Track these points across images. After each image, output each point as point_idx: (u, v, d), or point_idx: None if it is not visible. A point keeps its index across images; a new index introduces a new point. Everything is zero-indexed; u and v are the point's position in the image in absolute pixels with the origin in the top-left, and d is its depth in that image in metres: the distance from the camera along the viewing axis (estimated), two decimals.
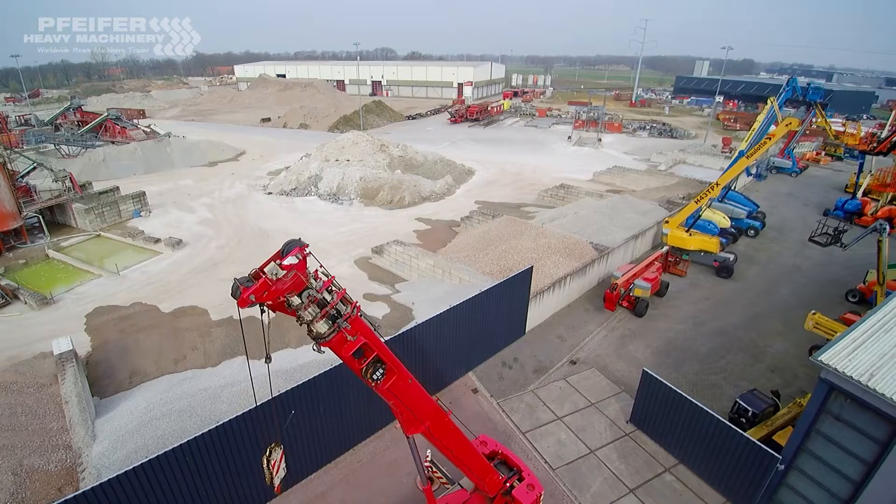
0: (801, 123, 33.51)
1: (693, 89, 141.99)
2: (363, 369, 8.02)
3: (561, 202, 43.66)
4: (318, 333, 7.39)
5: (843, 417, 12.85)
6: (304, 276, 7.03)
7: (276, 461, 8.54)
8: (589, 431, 18.63)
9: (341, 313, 7.48)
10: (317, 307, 7.28)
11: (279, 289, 6.74)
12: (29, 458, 14.97)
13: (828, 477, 13.38)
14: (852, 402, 12.49)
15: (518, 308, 23.19)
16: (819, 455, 13.52)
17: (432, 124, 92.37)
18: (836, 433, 13.09)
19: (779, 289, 30.61)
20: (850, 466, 12.84)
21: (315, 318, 7.26)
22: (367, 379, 8.09)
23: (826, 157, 67.80)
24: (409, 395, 8.90)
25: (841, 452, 13.03)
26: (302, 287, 7.04)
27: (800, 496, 14.14)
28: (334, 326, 7.37)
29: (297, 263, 6.93)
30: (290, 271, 6.82)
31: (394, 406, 8.94)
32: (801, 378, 22.16)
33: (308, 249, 7.19)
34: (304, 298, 7.11)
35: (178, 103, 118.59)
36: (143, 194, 40.90)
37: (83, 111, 68.54)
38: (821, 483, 13.55)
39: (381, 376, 8.20)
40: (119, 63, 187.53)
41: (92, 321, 25.68)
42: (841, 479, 13.09)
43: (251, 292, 6.54)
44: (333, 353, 7.82)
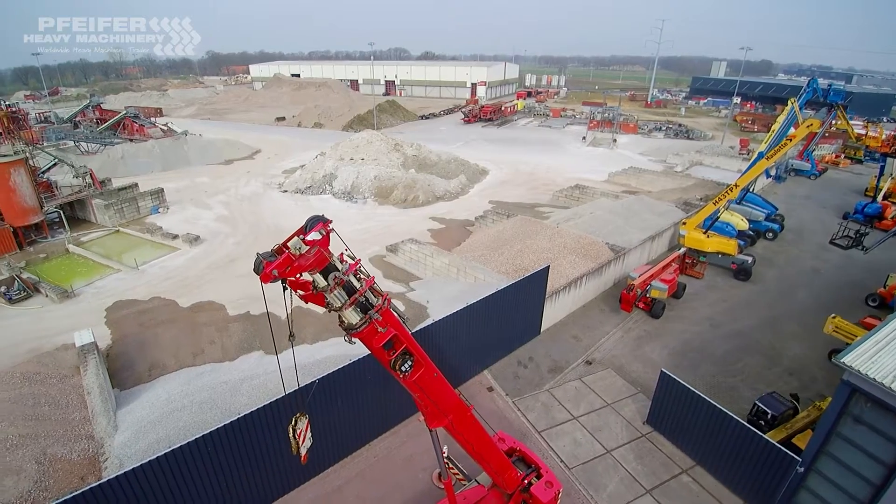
0: (822, 125, 32.93)
1: (710, 90, 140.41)
2: (392, 361, 8.01)
3: (576, 202, 43.43)
4: (349, 324, 7.39)
5: (865, 420, 12.61)
6: (327, 252, 6.91)
7: (301, 431, 8.59)
8: (605, 431, 18.52)
9: (372, 304, 7.49)
10: (344, 292, 7.19)
11: (302, 265, 6.63)
12: (52, 447, 15.26)
13: (848, 480, 13.14)
14: (874, 404, 12.25)
15: (534, 307, 23.12)
16: (839, 458, 13.29)
17: (445, 124, 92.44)
18: (857, 436, 12.85)
19: (797, 292, 30.16)
20: (871, 469, 12.59)
21: (344, 305, 7.20)
22: (395, 371, 8.10)
23: (846, 159, 66.63)
24: (434, 388, 8.93)
25: (862, 455, 12.80)
26: (325, 264, 6.91)
27: (819, 499, 13.91)
28: (366, 317, 7.38)
29: (321, 240, 6.82)
30: (313, 247, 6.71)
31: (418, 399, 8.97)
32: (819, 382, 21.82)
33: (331, 226, 7.08)
34: (329, 280, 7.01)
35: (194, 102, 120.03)
36: (161, 191, 41.48)
37: (102, 109, 69.71)
38: (840, 486, 13.32)
39: (409, 368, 8.23)
40: (136, 62, 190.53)
41: (112, 315, 26.10)
42: (861, 481, 12.85)
43: (274, 267, 6.42)
44: (363, 344, 7.84)
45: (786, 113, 36.09)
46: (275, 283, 7.06)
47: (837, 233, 29.59)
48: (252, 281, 27.38)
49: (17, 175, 33.24)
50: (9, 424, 15.87)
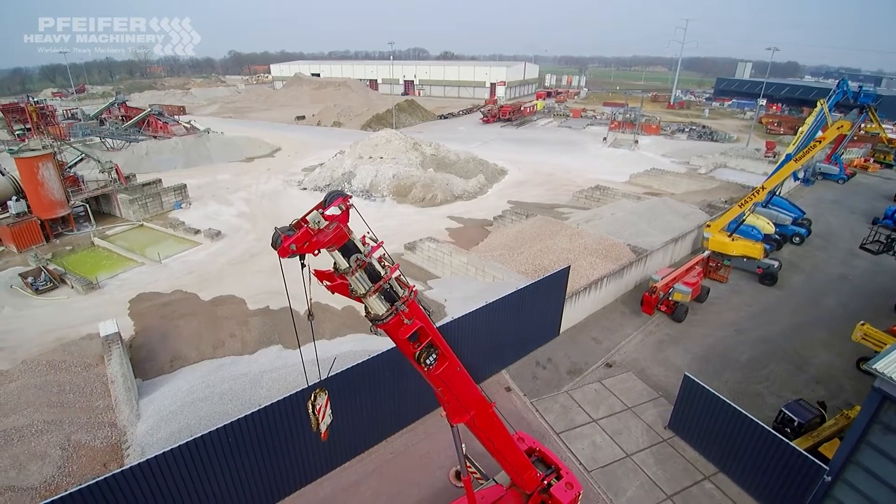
0: (852, 127, 32.00)
1: (734, 91, 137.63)
2: (417, 354, 7.91)
3: (596, 203, 42.92)
4: (375, 315, 7.32)
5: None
6: (346, 229, 6.77)
7: (321, 406, 8.57)
8: (625, 435, 18.17)
9: (398, 295, 7.41)
10: (366, 276, 7.06)
11: (320, 240, 6.50)
12: (76, 434, 15.54)
13: (876, 490, 12.63)
14: None
15: (553, 308, 22.85)
16: (868, 467, 12.79)
17: (464, 124, 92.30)
18: (887, 445, 12.36)
19: (824, 298, 29.30)
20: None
21: (368, 291, 7.08)
22: (419, 364, 8.00)
23: (875, 164, 64.64)
24: (457, 382, 8.81)
25: (892, 465, 12.29)
26: (344, 241, 6.78)
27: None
28: (392, 308, 7.29)
29: (340, 215, 6.66)
30: (332, 222, 6.54)
31: (441, 393, 8.85)
32: (847, 390, 21.14)
33: (351, 201, 6.92)
34: (351, 262, 6.88)
35: (216, 101, 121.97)
36: (184, 187, 42.17)
37: (127, 107, 71.24)
38: (869, 496, 12.81)
39: (433, 362, 8.12)
40: (160, 61, 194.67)
41: (135, 307, 26.57)
42: (890, 492, 12.34)
43: (292, 241, 6.32)
44: (388, 335, 7.76)
45: (815, 114, 35.19)
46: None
47: (868, 238, 28.68)
48: (271, 277, 27.88)
49: (46, 169, 34.11)
50: (34, 410, 16.22)
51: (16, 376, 18.57)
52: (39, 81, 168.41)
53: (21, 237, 33.23)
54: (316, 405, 8.54)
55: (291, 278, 7.44)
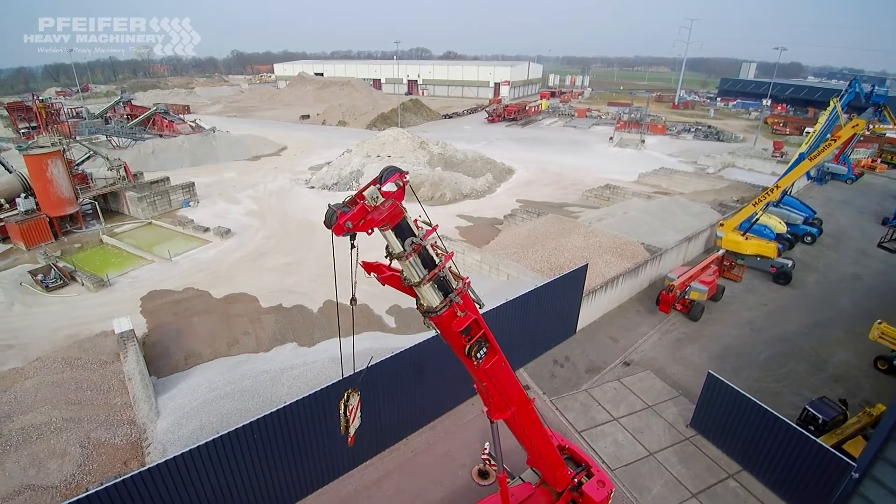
0: (867, 125, 31.79)
1: (738, 92, 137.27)
2: (468, 347, 7.65)
3: (606, 202, 42.72)
4: (429, 307, 7.08)
5: None
6: (402, 207, 6.48)
7: (353, 408, 8.24)
8: (647, 434, 17.99)
9: (452, 286, 7.19)
10: (420, 263, 6.77)
11: (375, 218, 6.23)
12: (95, 432, 15.36)
13: None
14: None
15: (570, 306, 22.67)
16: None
17: (469, 123, 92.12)
18: None
19: (839, 297, 29.11)
20: None
21: (423, 279, 6.78)
22: (469, 358, 7.76)
23: (882, 164, 64.45)
24: (503, 376, 8.62)
25: None
26: (398, 219, 6.49)
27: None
28: (446, 300, 7.05)
29: (396, 192, 6.37)
30: (388, 199, 6.25)
31: (487, 388, 8.63)
32: (865, 388, 20.97)
33: (408, 177, 6.62)
34: (406, 246, 6.59)
35: (219, 100, 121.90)
36: (192, 185, 42.03)
37: (132, 105, 71.16)
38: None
39: (483, 356, 7.89)
40: (163, 61, 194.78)
41: (147, 304, 26.40)
42: None
43: (347, 218, 6.04)
44: (438, 328, 7.53)
45: (828, 113, 34.97)
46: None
47: (886, 236, 28.51)
48: (283, 275, 27.70)
49: (54, 166, 33.98)
50: (52, 408, 16.05)
51: (31, 374, 18.39)
52: (43, 81, 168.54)
53: (30, 234, 33.07)
54: (348, 406, 8.20)
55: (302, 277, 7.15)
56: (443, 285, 7.20)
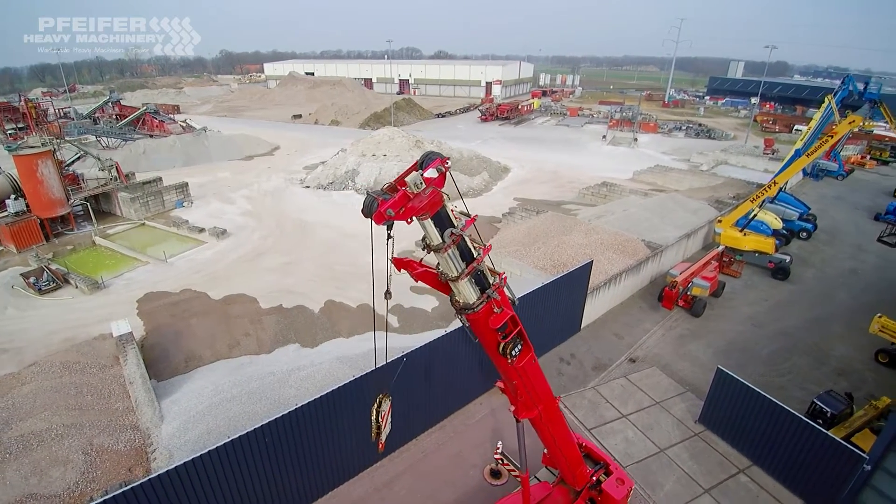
0: (864, 121, 32.19)
1: (727, 90, 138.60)
2: (503, 345, 7.37)
3: (603, 200, 42.78)
4: (465, 303, 6.80)
5: None
6: (442, 195, 6.10)
7: (385, 413, 8.00)
8: (656, 430, 17.93)
9: (489, 281, 6.95)
10: (460, 255, 6.41)
11: (416, 206, 5.91)
12: (98, 438, 14.95)
13: None
14: None
15: (575, 304, 22.58)
16: None
17: (462, 122, 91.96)
18: None
19: (837, 292, 29.36)
20: None
21: (461, 274, 6.43)
22: (503, 356, 7.50)
23: (871, 160, 65.38)
24: (533, 374, 8.43)
25: None
26: (437, 207, 6.13)
27: (885, 498, 13.26)
28: (483, 296, 6.80)
29: (437, 178, 6.02)
30: (429, 186, 5.91)
31: (516, 386, 8.41)
32: (869, 381, 21.14)
33: (449, 163, 6.21)
34: (446, 237, 6.24)
35: (209, 100, 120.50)
36: (185, 185, 41.39)
37: (121, 105, 70.07)
38: None
39: (517, 353, 7.64)
40: (151, 61, 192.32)
41: (143, 306, 25.89)
42: None
43: (389, 205, 5.71)
44: (474, 326, 7.27)
45: (822, 110, 35.33)
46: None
47: (885, 231, 28.80)
48: (281, 275, 27.29)
49: (45, 167, 33.25)
50: (52, 413, 15.61)
51: (28, 379, 17.90)
52: (28, 81, 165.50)
53: (20, 237, 32.34)
54: (381, 412, 7.95)
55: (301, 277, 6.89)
56: (480, 280, 6.92)
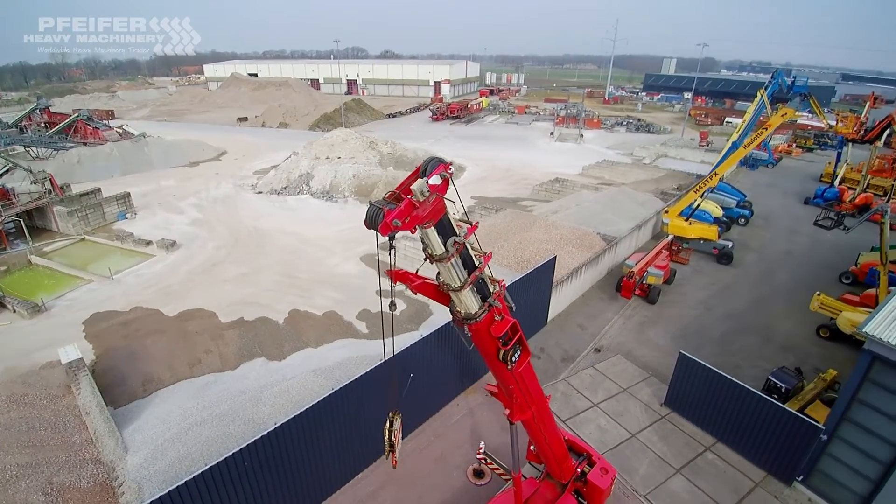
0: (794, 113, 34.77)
1: (662, 86, 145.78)
2: (503, 352, 7.33)
3: (556, 196, 43.92)
4: (467, 313, 6.69)
5: (886, 385, 13.15)
6: (444, 202, 5.88)
7: (397, 431, 8.00)
8: (626, 416, 18.70)
9: (490, 290, 6.95)
10: (462, 264, 6.26)
11: (420, 215, 5.70)
12: (58, 475, 13.89)
13: (870, 443, 13.70)
14: (895, 369, 12.79)
15: (542, 298, 23.15)
16: (861, 422, 13.85)
17: (414, 122, 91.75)
18: (877, 400, 13.40)
19: (777, 273, 31.57)
20: (893, 432, 13.16)
21: (464, 283, 6.29)
22: (503, 362, 7.50)
23: (797, 148, 70.68)
24: (528, 377, 8.55)
25: (882, 418, 13.36)
26: (440, 215, 5.94)
27: (842, 464, 14.47)
28: (485, 305, 6.76)
29: (440, 185, 5.82)
30: (432, 193, 5.71)
31: (512, 390, 8.49)
32: (813, 356, 22.82)
33: (451, 169, 6.03)
34: (449, 247, 6.09)
35: (146, 104, 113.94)
36: (127, 195, 39.00)
37: (50, 112, 65.09)
38: (863, 450, 13.89)
39: (517, 359, 7.67)
40: (79, 63, 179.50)
41: (91, 328, 24.24)
42: (884, 444, 13.41)
43: (395, 215, 5.48)
44: (474, 336, 7.19)
45: (755, 104, 37.74)
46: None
47: (820, 216, 31.25)
48: (239, 286, 26.45)
49: None
50: (4, 453, 14.35)
51: None
52: None
53: None
54: (393, 430, 7.92)
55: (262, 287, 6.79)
56: (480, 289, 6.89)
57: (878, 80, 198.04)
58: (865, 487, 13.95)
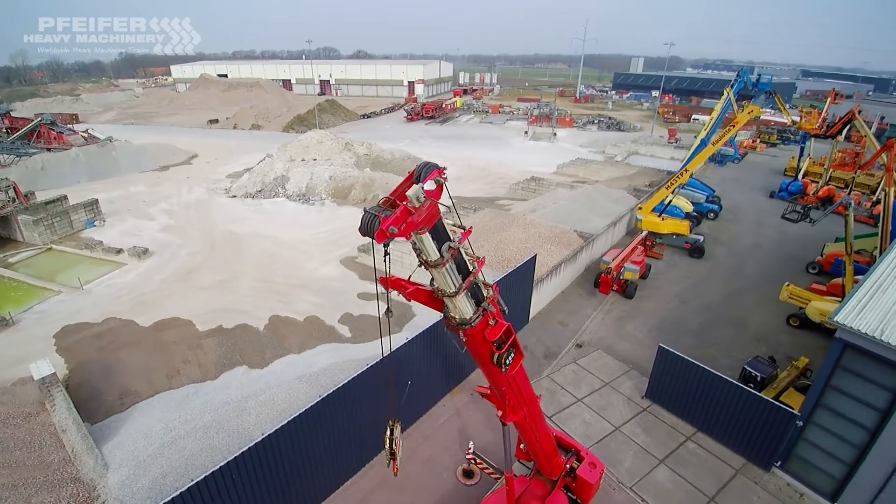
0: (760, 110, 36.05)
1: (630, 85, 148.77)
2: (498, 356, 7.35)
3: (533, 194, 44.41)
4: (462, 319, 6.68)
5: (857, 371, 13.79)
6: (438, 207, 5.81)
7: (397, 439, 8.02)
8: (609, 410, 19.11)
9: (484, 294, 7.00)
10: (456, 269, 6.23)
11: (415, 221, 5.63)
12: (37, 496, 13.40)
13: (844, 428, 14.36)
14: (865, 356, 13.41)
15: (524, 296, 23.43)
16: (834, 408, 14.49)
17: (389, 122, 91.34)
18: (849, 386, 14.04)
19: (746, 265, 32.70)
20: (866, 416, 13.81)
21: (459, 288, 6.26)
22: (496, 365, 7.53)
23: (762, 144, 73.18)
24: (521, 379, 8.66)
25: (856, 404, 14.00)
26: (434, 220, 5.87)
27: (818, 449, 15.13)
28: (479, 309, 6.79)
29: (434, 190, 5.78)
30: (427, 199, 5.65)
31: (506, 392, 8.58)
32: (784, 344, 23.73)
33: (445, 174, 5.94)
34: (444, 252, 6.05)
35: (112, 107, 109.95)
36: (95, 202, 37.68)
37: (11, 117, 62.42)
38: (838, 434, 14.54)
39: (511, 362, 7.71)
40: (41, 66, 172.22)
41: (62, 341, 23.37)
42: (857, 428, 14.06)
43: (391, 222, 5.38)
44: (469, 340, 7.20)
45: (722, 101, 38.96)
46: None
47: (787, 209, 32.42)
48: (217, 293, 26.09)
49: None
50: None
51: None
52: None
53: None
54: (394, 438, 7.93)
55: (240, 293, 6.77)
56: (475, 293, 6.89)
57: (837, 76, 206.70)
58: (841, 470, 14.61)
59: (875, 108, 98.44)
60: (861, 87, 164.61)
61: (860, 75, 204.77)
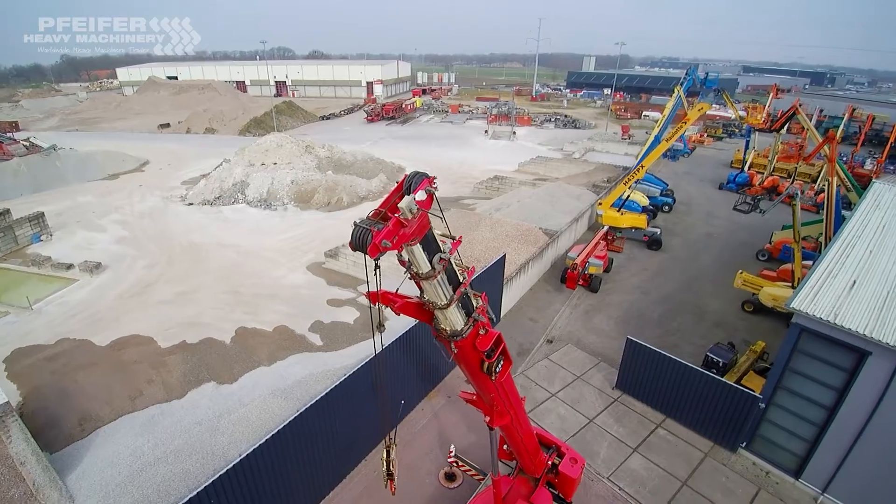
0: (710, 107, 37.79)
1: (584, 83, 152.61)
2: (488, 364, 7.33)
3: (496, 193, 44.94)
4: (453, 330, 6.59)
5: (814, 353, 14.73)
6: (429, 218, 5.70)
7: (394, 459, 8.02)
8: (582, 403, 19.67)
9: (473, 304, 7.04)
10: (447, 281, 6.14)
11: (407, 233, 5.47)
12: None
13: (804, 407, 15.33)
14: (821, 339, 14.33)
15: (494, 295, 23.72)
16: (794, 389, 15.45)
17: (349, 124, 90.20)
18: (807, 368, 14.99)
19: (701, 255, 34.27)
20: (823, 395, 14.79)
21: (450, 301, 6.18)
22: (485, 373, 7.53)
23: (709, 138, 76.68)
24: (508, 384, 8.80)
25: (814, 385, 14.97)
26: (424, 231, 5.74)
27: (780, 428, 16.09)
28: (470, 320, 6.73)
29: (425, 201, 5.62)
30: (418, 209, 5.51)
31: (493, 398, 8.65)
32: (740, 329, 25.04)
33: (436, 184, 5.79)
34: (435, 263, 5.94)
35: (54, 112, 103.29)
36: (41, 215, 35.48)
37: None
38: (798, 414, 15.52)
39: (499, 369, 7.72)
40: None
41: (13, 366, 21.97)
42: (816, 407, 15.05)
43: (384, 236, 5.17)
44: (459, 352, 7.12)
45: (673, 99, 40.64)
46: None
47: (738, 201, 34.10)
48: (178, 307, 25.32)
49: None
50: None
51: None
52: None
53: None
54: (391, 459, 7.92)
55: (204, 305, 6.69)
56: (465, 304, 6.85)
57: (775, 70, 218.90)
58: (803, 448, 15.59)
59: (813, 100, 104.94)
60: (798, 80, 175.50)
61: (797, 69, 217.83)
